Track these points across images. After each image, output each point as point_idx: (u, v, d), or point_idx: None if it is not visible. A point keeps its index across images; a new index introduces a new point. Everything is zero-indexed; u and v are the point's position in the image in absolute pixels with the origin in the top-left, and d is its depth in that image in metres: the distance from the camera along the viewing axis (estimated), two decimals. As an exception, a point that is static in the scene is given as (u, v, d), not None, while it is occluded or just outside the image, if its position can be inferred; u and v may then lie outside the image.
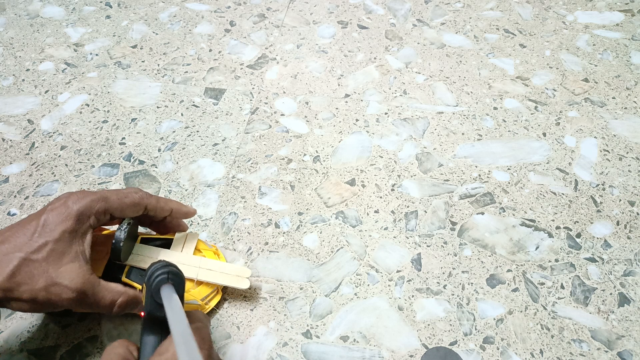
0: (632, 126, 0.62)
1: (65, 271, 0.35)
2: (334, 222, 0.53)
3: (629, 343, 0.44)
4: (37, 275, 0.34)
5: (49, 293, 0.35)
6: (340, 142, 0.61)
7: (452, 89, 0.67)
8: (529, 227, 0.52)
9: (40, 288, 0.34)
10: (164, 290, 0.31)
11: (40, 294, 0.34)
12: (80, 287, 0.36)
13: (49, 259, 0.35)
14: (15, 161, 0.59)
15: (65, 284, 0.35)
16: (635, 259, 0.50)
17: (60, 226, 0.36)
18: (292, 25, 0.78)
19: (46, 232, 0.35)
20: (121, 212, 0.39)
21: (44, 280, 0.35)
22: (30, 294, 0.34)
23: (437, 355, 0.43)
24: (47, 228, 0.36)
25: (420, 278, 0.48)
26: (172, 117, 0.63)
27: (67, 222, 0.36)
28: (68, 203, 0.37)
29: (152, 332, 0.33)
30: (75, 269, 0.36)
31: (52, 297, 0.35)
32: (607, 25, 0.77)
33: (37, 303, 0.35)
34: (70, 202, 0.37)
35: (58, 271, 0.35)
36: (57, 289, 0.35)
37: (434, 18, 0.79)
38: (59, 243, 0.35)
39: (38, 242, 0.35)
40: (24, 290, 0.34)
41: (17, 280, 0.34)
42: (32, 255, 0.35)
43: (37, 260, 0.35)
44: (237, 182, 0.56)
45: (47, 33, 0.77)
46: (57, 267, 0.35)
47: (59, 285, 0.35)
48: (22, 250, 0.35)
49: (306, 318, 0.45)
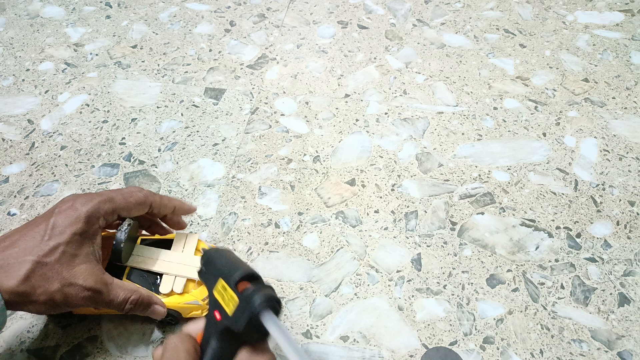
0: (632, 126, 0.62)
1: (78, 272, 0.36)
2: (334, 222, 0.53)
3: (629, 343, 0.44)
4: (51, 278, 0.35)
5: (64, 294, 0.35)
6: (340, 142, 0.61)
7: (452, 89, 0.67)
8: (529, 227, 0.52)
9: (56, 290, 0.35)
10: (267, 315, 0.29)
11: (56, 295, 0.35)
12: (95, 286, 0.36)
13: (62, 260, 0.35)
14: (15, 161, 0.59)
15: (80, 283, 0.36)
16: (635, 259, 0.50)
17: (70, 228, 0.36)
18: (292, 25, 0.78)
19: (56, 234, 0.36)
20: (128, 211, 0.40)
21: (58, 282, 0.35)
22: (47, 296, 0.35)
23: (437, 355, 0.43)
24: (56, 230, 0.36)
25: (420, 278, 0.48)
26: (172, 117, 0.63)
27: (77, 224, 0.36)
28: (76, 205, 0.37)
29: (223, 341, 0.31)
30: (88, 270, 0.36)
31: (68, 298, 0.35)
32: (607, 25, 0.77)
33: (53, 304, 0.35)
34: (78, 205, 0.37)
35: (71, 272, 0.35)
36: (73, 290, 0.35)
37: (434, 18, 0.79)
38: (69, 245, 0.36)
39: (49, 244, 0.35)
40: (40, 293, 0.35)
41: (32, 283, 0.34)
42: (45, 259, 0.35)
43: (49, 263, 0.35)
44: (237, 182, 0.56)
45: (47, 33, 0.77)
46: (70, 269, 0.36)
47: (74, 285, 0.35)
48: (33, 254, 0.35)
49: (306, 318, 0.45)
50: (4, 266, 0.34)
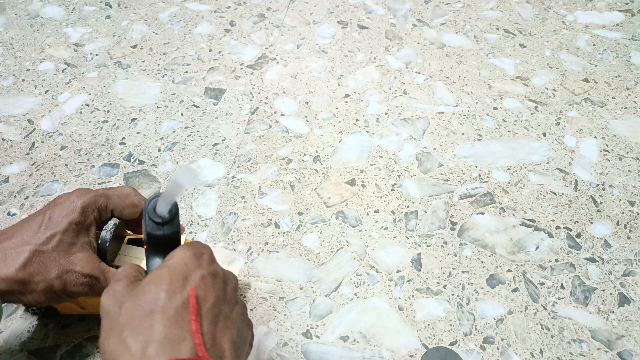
0: (632, 126, 0.62)
1: (75, 259, 0.36)
2: (334, 222, 0.53)
3: (629, 343, 0.44)
4: (49, 265, 0.35)
5: (63, 281, 0.36)
6: (340, 142, 0.61)
7: (452, 89, 0.67)
8: (529, 227, 0.52)
9: (54, 277, 0.35)
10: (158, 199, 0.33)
11: (55, 283, 0.35)
12: (92, 273, 0.37)
13: (58, 249, 0.36)
14: (15, 161, 0.59)
15: (78, 270, 0.36)
16: (635, 259, 0.50)
17: (66, 218, 0.37)
18: (292, 25, 0.78)
19: (52, 224, 0.36)
20: (120, 211, 0.40)
21: (56, 269, 0.35)
22: (45, 284, 0.35)
23: (437, 355, 0.43)
24: (53, 221, 0.36)
25: (420, 278, 0.48)
26: (172, 117, 0.63)
27: (73, 214, 0.37)
28: (72, 198, 0.38)
29: (157, 254, 0.34)
30: (85, 258, 0.37)
31: (67, 285, 0.36)
32: (607, 25, 0.77)
33: (52, 293, 0.36)
34: (74, 197, 0.38)
35: (69, 260, 0.36)
36: (71, 276, 0.36)
37: (434, 18, 0.79)
38: (66, 234, 0.36)
39: (46, 234, 0.36)
40: (38, 281, 0.35)
41: (30, 271, 0.35)
42: (42, 247, 0.35)
43: (47, 251, 0.35)
44: (237, 182, 0.56)
45: (47, 33, 0.77)
46: (67, 256, 0.36)
47: (71, 272, 0.36)
48: (30, 243, 0.35)
49: (306, 318, 0.45)
50: (2, 256, 0.35)
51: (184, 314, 0.28)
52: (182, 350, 0.27)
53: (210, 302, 0.30)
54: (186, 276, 0.30)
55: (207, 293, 0.30)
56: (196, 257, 0.31)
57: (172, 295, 0.28)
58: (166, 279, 0.29)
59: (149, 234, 0.34)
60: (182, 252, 0.31)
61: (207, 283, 0.30)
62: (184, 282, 0.29)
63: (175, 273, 0.30)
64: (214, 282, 0.31)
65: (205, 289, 0.30)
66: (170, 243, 0.33)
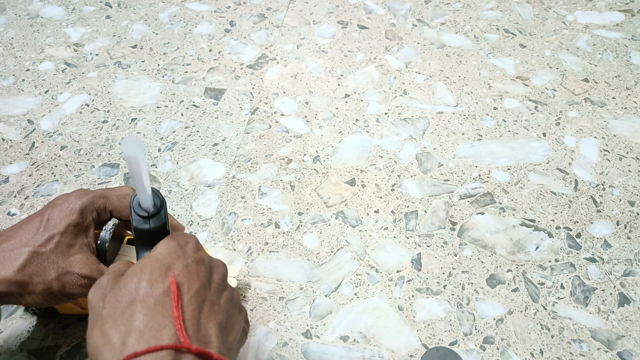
0: (632, 126, 0.62)
1: (74, 261, 0.36)
2: (334, 222, 0.53)
3: (629, 343, 0.44)
4: (47, 267, 0.35)
5: (61, 282, 0.36)
6: (340, 142, 0.61)
7: (452, 89, 0.67)
8: (529, 227, 0.52)
9: (52, 278, 0.35)
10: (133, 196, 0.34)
11: (54, 284, 0.35)
12: (91, 274, 0.36)
13: (57, 250, 0.36)
14: (15, 161, 0.59)
15: (77, 271, 0.36)
16: (635, 259, 0.50)
17: (64, 220, 0.36)
18: (292, 25, 0.78)
19: (51, 226, 0.36)
20: (119, 211, 0.40)
21: (55, 270, 0.35)
22: (44, 285, 0.35)
23: (437, 355, 0.43)
24: (51, 222, 0.36)
25: (420, 278, 0.48)
26: (172, 117, 0.64)
27: (71, 216, 0.37)
28: (70, 199, 0.38)
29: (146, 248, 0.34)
30: (83, 259, 0.37)
31: (65, 287, 0.36)
32: (607, 25, 0.77)
33: (51, 294, 0.36)
34: (72, 198, 0.38)
35: (67, 261, 0.36)
36: (69, 278, 0.36)
37: (434, 18, 0.79)
38: (64, 236, 0.36)
39: (44, 235, 0.36)
40: (37, 282, 0.35)
41: (29, 272, 0.35)
42: (40, 249, 0.35)
43: (45, 253, 0.35)
44: (237, 182, 0.56)
45: (47, 33, 0.77)
46: (65, 258, 0.36)
47: (70, 273, 0.36)
48: (29, 245, 0.35)
49: (306, 318, 0.45)
50: (0, 258, 0.35)
51: (165, 302, 0.28)
52: (163, 337, 0.27)
53: (194, 288, 0.30)
54: (169, 265, 0.30)
55: (190, 280, 0.30)
56: (180, 247, 0.32)
57: (153, 284, 0.29)
58: (148, 268, 0.30)
59: (135, 228, 0.34)
60: (165, 242, 0.32)
61: (190, 270, 0.30)
62: (166, 271, 0.30)
63: (158, 263, 0.30)
64: (198, 269, 0.31)
65: (188, 277, 0.30)
66: (158, 236, 0.34)
